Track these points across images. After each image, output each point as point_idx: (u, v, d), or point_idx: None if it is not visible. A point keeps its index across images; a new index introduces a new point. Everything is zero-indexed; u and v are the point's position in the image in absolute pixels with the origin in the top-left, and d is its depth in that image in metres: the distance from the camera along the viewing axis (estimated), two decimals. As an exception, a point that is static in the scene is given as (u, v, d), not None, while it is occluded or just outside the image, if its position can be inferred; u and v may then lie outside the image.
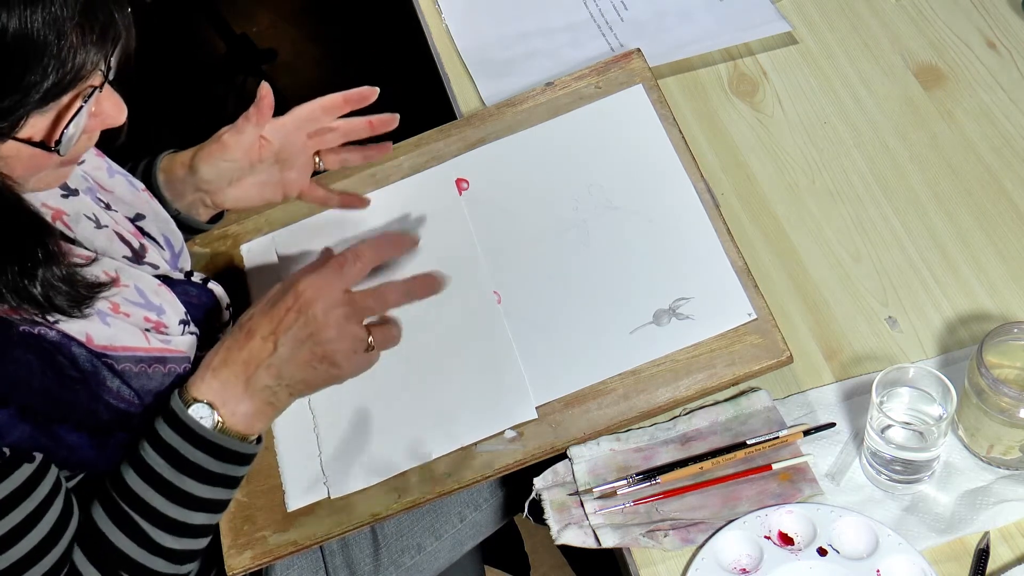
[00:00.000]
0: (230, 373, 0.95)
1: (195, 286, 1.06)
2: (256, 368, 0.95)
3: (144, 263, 1.01)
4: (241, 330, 0.97)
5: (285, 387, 0.96)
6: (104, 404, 0.92)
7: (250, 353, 0.95)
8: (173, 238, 1.08)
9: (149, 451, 0.94)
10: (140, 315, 0.96)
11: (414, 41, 1.52)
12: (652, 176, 1.16)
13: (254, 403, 0.95)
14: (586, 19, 1.39)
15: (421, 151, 1.25)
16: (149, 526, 0.94)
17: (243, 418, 0.95)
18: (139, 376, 0.94)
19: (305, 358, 0.95)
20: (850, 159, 1.22)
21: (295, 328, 0.94)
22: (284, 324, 0.95)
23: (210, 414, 0.94)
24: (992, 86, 1.25)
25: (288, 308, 0.95)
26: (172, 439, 0.94)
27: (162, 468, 0.93)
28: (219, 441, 0.94)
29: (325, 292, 0.95)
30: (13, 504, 0.87)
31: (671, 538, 0.96)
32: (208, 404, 0.94)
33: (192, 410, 0.94)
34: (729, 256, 1.09)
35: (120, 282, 0.96)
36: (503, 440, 1.04)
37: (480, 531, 1.22)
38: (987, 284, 1.11)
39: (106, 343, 0.92)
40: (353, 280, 0.97)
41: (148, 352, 0.95)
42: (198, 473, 0.94)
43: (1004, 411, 0.94)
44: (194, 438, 0.93)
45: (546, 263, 1.13)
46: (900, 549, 0.93)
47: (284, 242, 1.22)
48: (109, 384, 0.92)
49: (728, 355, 1.03)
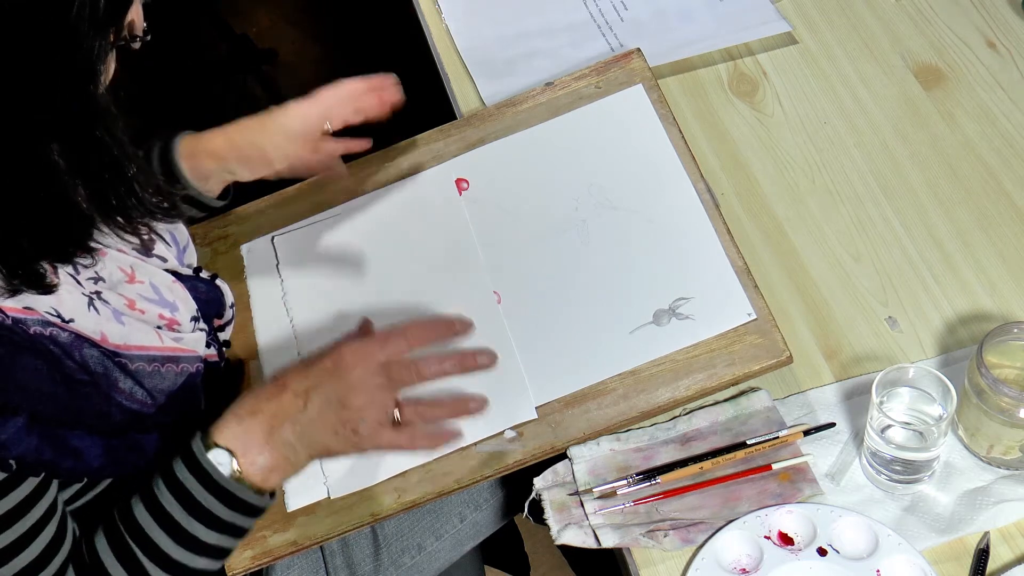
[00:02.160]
0: (255, 423, 0.94)
1: (204, 282, 1.06)
2: (282, 422, 0.94)
3: (153, 256, 1.01)
4: (274, 383, 0.96)
5: (306, 447, 0.94)
6: (116, 406, 0.92)
7: (279, 406, 0.94)
8: (179, 234, 1.08)
9: (163, 489, 0.93)
10: (155, 312, 0.97)
11: (414, 41, 1.52)
12: (652, 176, 1.16)
13: (273, 456, 0.94)
14: (586, 19, 1.39)
15: (421, 151, 1.25)
16: (151, 564, 0.93)
17: (260, 470, 0.94)
18: (152, 376, 0.95)
19: (331, 421, 0.94)
20: (850, 159, 1.22)
21: (327, 389, 0.94)
22: (318, 383, 0.94)
23: (229, 461, 0.93)
24: (992, 86, 1.25)
25: (325, 369, 0.95)
26: (187, 481, 0.93)
27: (173, 508, 0.93)
28: (233, 489, 0.93)
29: (364, 360, 0.95)
30: (14, 519, 0.86)
31: (671, 538, 0.96)
32: (228, 451, 0.93)
33: (211, 455, 0.93)
34: (729, 256, 1.09)
35: (136, 278, 0.97)
36: (503, 440, 1.04)
37: (480, 531, 1.22)
38: (987, 284, 1.11)
39: (120, 342, 0.92)
40: (394, 355, 0.96)
41: (161, 351, 0.96)
42: (208, 518, 0.93)
43: (1004, 411, 0.94)
44: (209, 483, 0.93)
45: (546, 263, 1.13)
46: (900, 549, 0.93)
47: (284, 242, 1.22)
48: (122, 385, 0.92)
49: (728, 355, 1.03)
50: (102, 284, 0.94)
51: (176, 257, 1.06)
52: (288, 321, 1.16)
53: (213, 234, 1.24)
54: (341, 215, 1.21)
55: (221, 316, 1.09)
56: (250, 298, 1.19)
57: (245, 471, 0.93)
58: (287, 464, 0.95)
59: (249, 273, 1.21)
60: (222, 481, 0.93)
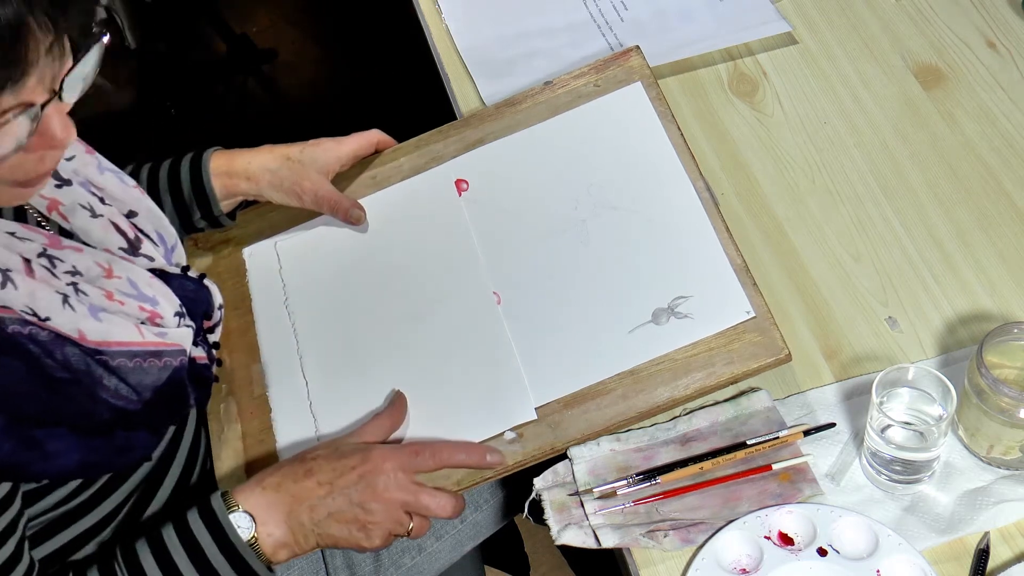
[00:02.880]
0: (278, 498, 0.97)
1: (192, 281, 1.05)
2: (302, 504, 0.97)
3: (140, 255, 1.01)
4: (303, 465, 0.99)
5: (316, 534, 0.98)
6: (102, 403, 0.92)
7: (303, 490, 0.98)
8: (166, 234, 1.08)
9: (173, 538, 0.95)
10: (135, 305, 0.95)
11: (414, 41, 1.52)
12: (651, 174, 1.16)
13: (286, 534, 0.97)
14: (586, 19, 1.39)
15: (420, 152, 1.25)
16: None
17: (272, 543, 0.97)
18: (135, 371, 0.94)
19: (347, 518, 0.98)
20: (850, 159, 1.22)
21: (352, 489, 0.97)
22: (344, 479, 0.98)
23: (250, 526, 0.96)
24: (992, 86, 1.25)
25: (353, 467, 0.98)
26: (202, 536, 0.95)
27: (180, 560, 0.94)
28: (246, 556, 0.95)
29: (391, 469, 0.99)
30: None
31: (671, 538, 0.96)
32: (251, 516, 0.96)
33: (234, 516, 0.95)
34: (727, 254, 1.08)
35: (113, 274, 0.95)
36: (502, 441, 1.03)
37: (480, 531, 1.22)
38: (987, 284, 1.11)
39: (99, 339, 0.91)
40: (422, 470, 1.01)
41: (143, 346, 0.95)
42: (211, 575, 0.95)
43: (1004, 411, 0.94)
44: (225, 544, 0.95)
45: (545, 263, 1.13)
46: (900, 549, 0.93)
47: (286, 246, 1.22)
48: (106, 383, 0.91)
49: (727, 354, 1.03)
50: (79, 277, 0.93)
51: (164, 256, 1.05)
52: (290, 325, 1.16)
53: (215, 238, 1.24)
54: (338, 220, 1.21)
55: (210, 317, 1.08)
56: (252, 302, 1.19)
57: (260, 541, 0.96)
58: (295, 545, 0.98)
59: (252, 277, 1.21)
60: (238, 544, 0.95)
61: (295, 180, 1.18)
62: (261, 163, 1.18)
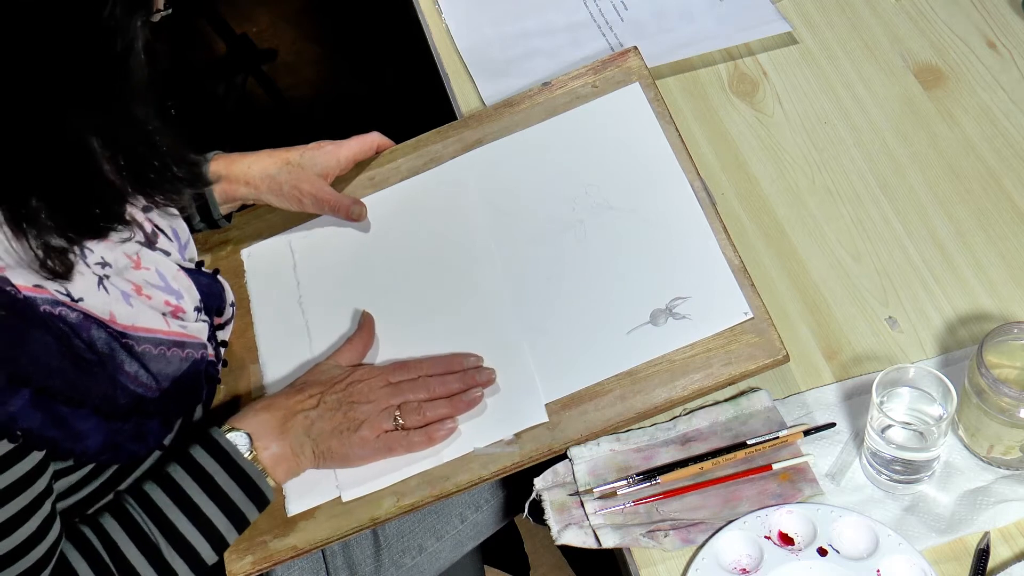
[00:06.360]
0: (270, 415, 1.02)
1: (207, 276, 1.08)
2: (295, 415, 1.03)
3: (156, 249, 1.02)
4: (290, 387, 1.06)
5: (311, 443, 1.02)
6: (122, 388, 0.93)
7: (294, 402, 1.04)
8: (179, 230, 1.09)
9: (180, 472, 0.98)
10: (161, 298, 0.99)
11: (414, 41, 1.52)
12: (649, 175, 1.16)
13: (283, 447, 1.02)
14: (586, 19, 1.39)
15: (419, 153, 1.25)
16: (165, 544, 0.96)
17: (270, 457, 1.01)
18: (158, 359, 0.97)
19: (338, 420, 1.03)
20: (850, 159, 1.22)
21: (339, 394, 1.04)
22: (331, 389, 1.05)
23: (247, 443, 1.00)
24: (992, 86, 1.25)
25: (338, 379, 1.06)
26: (207, 463, 0.98)
27: (191, 489, 0.98)
28: (249, 471, 0.99)
29: (374, 378, 1.05)
30: (17, 492, 0.87)
31: (671, 538, 0.96)
32: (247, 434, 1.00)
33: (231, 436, 1.00)
34: (725, 255, 1.08)
35: (141, 265, 0.98)
36: (501, 443, 1.03)
37: (481, 532, 1.23)
38: (987, 284, 1.11)
39: (128, 323, 0.94)
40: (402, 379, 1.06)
41: (168, 335, 0.98)
42: (223, 501, 0.98)
43: (1004, 411, 0.94)
44: (228, 463, 0.99)
45: (544, 264, 1.13)
46: (900, 549, 0.93)
47: (284, 246, 1.22)
48: (127, 368, 0.94)
49: (725, 354, 1.03)
50: (109, 269, 0.95)
51: (178, 251, 1.07)
52: (295, 324, 1.16)
53: (213, 239, 1.24)
54: (340, 219, 1.21)
55: (221, 313, 1.10)
56: (250, 302, 1.19)
57: (259, 455, 1.00)
58: (292, 457, 1.02)
59: (250, 277, 1.21)
60: (240, 460, 0.99)
61: (294, 184, 1.18)
62: (261, 168, 1.18)
